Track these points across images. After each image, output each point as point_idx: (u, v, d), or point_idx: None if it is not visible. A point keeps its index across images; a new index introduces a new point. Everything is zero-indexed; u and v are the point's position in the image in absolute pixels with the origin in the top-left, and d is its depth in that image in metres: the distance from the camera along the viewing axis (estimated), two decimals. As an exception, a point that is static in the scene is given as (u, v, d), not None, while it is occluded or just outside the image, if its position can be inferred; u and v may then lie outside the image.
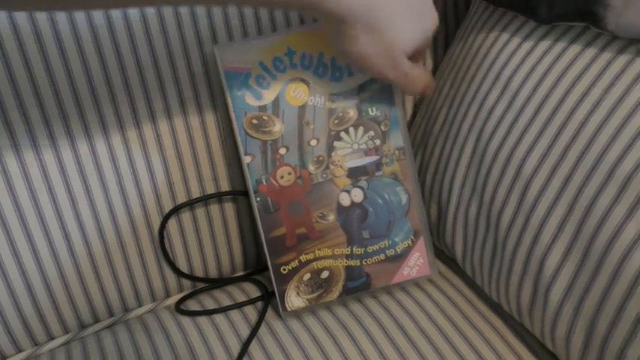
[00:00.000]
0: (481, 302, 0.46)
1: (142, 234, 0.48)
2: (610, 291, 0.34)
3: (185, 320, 0.47)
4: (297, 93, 0.44)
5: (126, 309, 0.50)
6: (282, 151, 0.45)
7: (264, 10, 0.46)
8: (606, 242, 0.34)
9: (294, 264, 0.45)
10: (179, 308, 0.49)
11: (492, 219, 0.42)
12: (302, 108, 0.44)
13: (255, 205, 0.45)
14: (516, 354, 0.42)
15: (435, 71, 0.55)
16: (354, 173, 0.45)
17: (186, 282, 0.52)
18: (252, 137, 0.44)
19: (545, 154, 0.38)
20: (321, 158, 0.45)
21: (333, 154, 0.45)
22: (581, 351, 0.36)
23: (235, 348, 0.44)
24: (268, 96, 0.44)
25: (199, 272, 0.51)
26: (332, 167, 0.45)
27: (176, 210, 0.48)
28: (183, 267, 0.50)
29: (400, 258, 0.46)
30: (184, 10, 0.44)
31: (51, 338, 0.48)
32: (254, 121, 0.44)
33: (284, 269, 0.45)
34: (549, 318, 0.38)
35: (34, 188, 0.43)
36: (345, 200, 0.45)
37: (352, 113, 0.45)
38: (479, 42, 0.46)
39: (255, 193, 0.45)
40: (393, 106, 0.45)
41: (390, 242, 0.46)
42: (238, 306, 0.48)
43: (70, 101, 0.43)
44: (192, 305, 0.49)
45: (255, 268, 0.54)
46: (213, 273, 0.52)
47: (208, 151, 0.48)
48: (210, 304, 0.49)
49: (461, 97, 0.46)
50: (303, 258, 0.45)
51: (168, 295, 0.52)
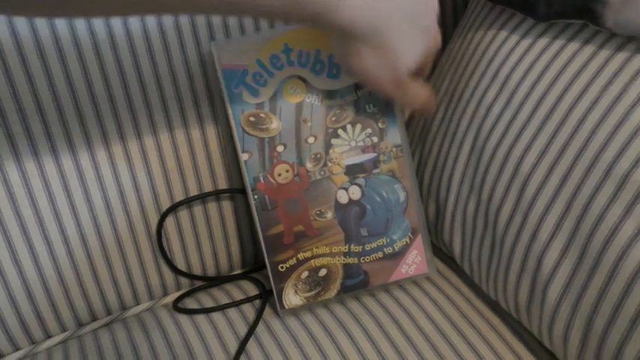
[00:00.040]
0: (479, 300, 0.46)
1: (140, 232, 0.48)
2: (607, 289, 0.34)
3: (183, 318, 0.47)
4: (294, 90, 0.44)
5: (123, 307, 0.50)
6: (279, 149, 0.44)
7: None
8: (604, 240, 0.34)
9: (291, 262, 0.45)
10: (177, 306, 0.49)
11: (490, 216, 0.42)
12: (299, 105, 0.44)
13: (252, 203, 0.45)
14: (514, 352, 0.42)
15: (434, 69, 0.54)
16: (352, 171, 0.45)
17: (184, 280, 0.51)
18: (249, 135, 0.44)
19: (543, 152, 0.38)
20: (319, 156, 0.45)
21: (331, 152, 0.45)
22: (578, 349, 0.36)
23: (233, 346, 0.44)
24: (265, 93, 0.44)
25: (197, 270, 0.51)
26: (330, 165, 0.45)
27: (174, 208, 0.48)
28: (180, 265, 0.50)
29: (398, 256, 0.46)
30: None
31: (48, 336, 0.48)
32: (251, 119, 0.44)
33: (282, 267, 0.45)
34: (547, 316, 0.38)
35: (32, 187, 0.43)
36: (343, 198, 0.45)
37: (350, 110, 0.45)
38: (477, 39, 0.46)
39: (252, 191, 0.44)
40: (391, 104, 0.45)
41: (388, 240, 0.46)
42: (236, 304, 0.48)
43: (68, 100, 0.43)
44: (190, 303, 0.49)
45: (253, 266, 0.54)
46: (211, 271, 0.52)
47: (206, 149, 0.48)
48: (208, 303, 0.49)
49: (459, 95, 0.45)
50: (300, 256, 0.45)
51: (166, 294, 0.51)
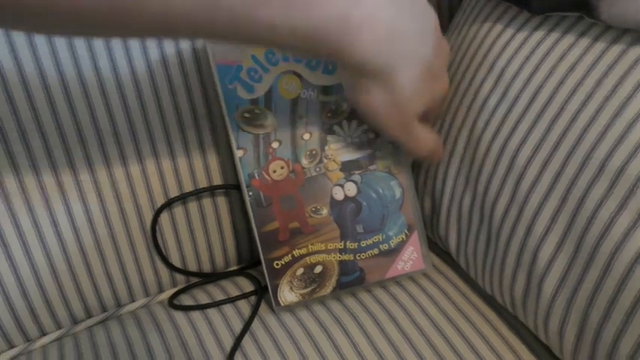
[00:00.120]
0: (475, 295, 0.46)
1: (134, 228, 0.47)
2: (602, 283, 0.34)
3: (178, 315, 0.47)
4: (289, 86, 0.44)
5: (119, 304, 0.50)
6: (274, 145, 0.44)
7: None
8: (598, 234, 0.34)
9: (287, 259, 0.45)
10: (172, 303, 0.48)
11: (486, 210, 0.41)
12: (294, 101, 0.44)
13: (247, 200, 0.44)
14: (510, 346, 0.42)
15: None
16: (348, 167, 0.45)
17: (179, 277, 0.51)
18: (244, 131, 0.44)
19: (538, 146, 0.38)
20: (315, 152, 0.45)
21: (327, 148, 0.45)
22: (574, 343, 0.36)
23: (228, 342, 0.44)
24: (260, 89, 0.43)
25: (192, 267, 0.51)
26: (325, 161, 0.45)
27: (168, 204, 0.48)
28: (176, 262, 0.50)
29: (394, 252, 0.46)
30: None
31: (43, 334, 0.48)
32: (246, 115, 0.44)
33: (277, 264, 0.45)
34: (542, 310, 0.38)
35: (24, 182, 0.43)
36: (339, 194, 0.45)
37: (345, 106, 0.44)
38: (472, 33, 0.45)
39: (247, 188, 0.44)
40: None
41: (384, 236, 0.46)
42: (231, 300, 0.48)
43: (61, 99, 0.42)
44: (185, 300, 0.49)
45: (248, 263, 0.54)
46: (206, 267, 0.52)
47: (200, 145, 0.48)
48: (203, 299, 0.49)
49: (454, 89, 0.45)
50: (296, 252, 0.45)
51: (161, 290, 0.51)
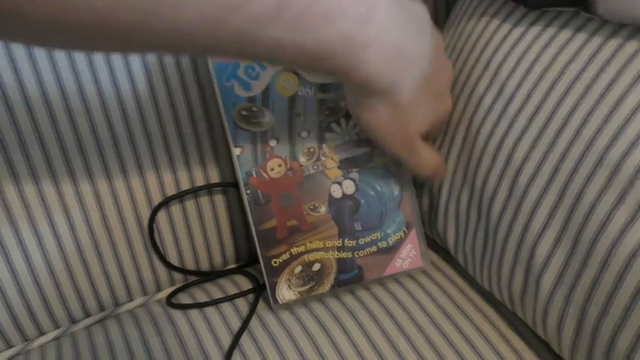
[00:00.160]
0: (473, 291, 0.46)
1: (131, 227, 0.47)
2: (600, 278, 0.34)
3: (176, 314, 0.47)
4: (287, 84, 0.43)
5: (117, 303, 0.50)
6: (272, 143, 0.44)
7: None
8: (596, 229, 0.34)
9: (285, 256, 0.45)
10: (170, 302, 0.48)
11: (483, 207, 0.41)
12: (292, 99, 0.44)
13: (245, 198, 0.44)
14: (508, 342, 0.42)
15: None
16: (346, 164, 0.45)
17: (177, 275, 0.51)
18: (241, 129, 0.44)
19: (535, 141, 0.38)
20: (312, 150, 0.45)
21: (324, 146, 0.45)
22: (572, 338, 0.36)
23: (226, 340, 0.44)
24: (257, 87, 0.43)
25: (190, 265, 0.51)
26: (323, 159, 0.45)
27: (165, 202, 0.48)
28: (173, 260, 0.50)
29: (392, 250, 0.46)
30: None
31: (41, 334, 0.48)
32: (243, 113, 0.44)
33: (275, 262, 0.45)
34: (541, 306, 0.38)
35: (20, 179, 0.43)
36: (337, 192, 0.45)
37: (343, 104, 0.44)
38: (469, 29, 0.45)
39: (245, 186, 0.44)
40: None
41: (382, 234, 0.46)
42: (230, 298, 0.48)
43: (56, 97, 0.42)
44: (183, 298, 0.49)
45: (247, 261, 0.54)
46: (204, 266, 0.52)
47: (197, 143, 0.48)
48: (201, 297, 0.49)
49: (452, 86, 0.45)
50: (294, 250, 0.45)
51: (159, 289, 0.51)
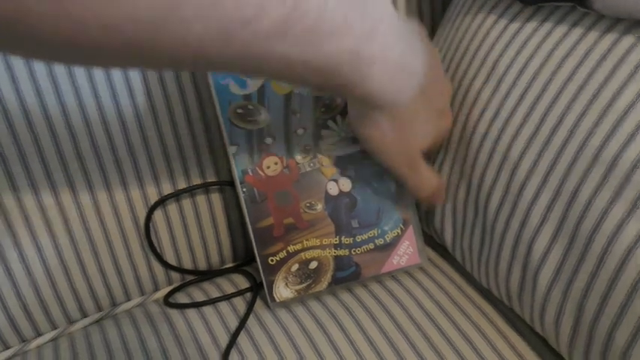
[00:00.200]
0: (471, 288, 0.46)
1: (128, 227, 0.47)
2: (597, 274, 0.34)
3: (173, 313, 0.47)
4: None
5: (114, 303, 0.49)
6: (268, 141, 0.44)
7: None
8: (593, 225, 0.34)
9: (282, 254, 0.45)
10: (167, 301, 0.48)
11: (480, 203, 0.41)
12: (288, 96, 0.44)
13: (241, 196, 0.44)
14: (506, 339, 0.42)
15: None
16: (342, 162, 0.45)
17: (175, 275, 0.51)
18: (237, 127, 0.44)
19: (532, 137, 0.38)
20: (308, 147, 0.44)
21: (321, 143, 0.45)
22: (570, 334, 0.36)
23: (224, 339, 0.44)
24: (253, 85, 0.43)
25: (188, 265, 0.51)
26: (319, 156, 0.45)
27: (162, 201, 0.47)
28: (171, 259, 0.50)
29: (389, 247, 0.46)
30: None
31: (38, 334, 0.47)
32: (239, 111, 0.43)
33: (272, 260, 0.45)
34: (538, 302, 0.38)
35: (15, 179, 0.43)
36: (333, 189, 0.45)
37: (339, 101, 0.44)
38: (466, 24, 0.45)
39: (241, 184, 0.44)
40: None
41: (379, 231, 0.46)
42: (227, 298, 0.48)
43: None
44: (181, 298, 0.49)
45: (244, 260, 0.53)
46: (202, 265, 0.52)
47: (193, 141, 0.47)
48: (199, 297, 0.48)
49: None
50: (291, 248, 0.45)
51: (156, 289, 0.51)
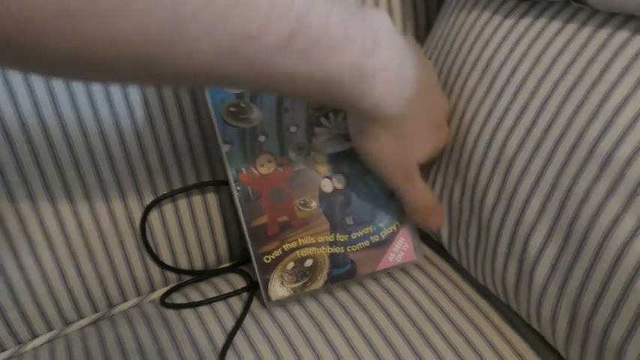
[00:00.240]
0: (467, 285, 0.46)
1: (123, 227, 0.47)
2: (593, 269, 0.33)
3: (170, 314, 0.47)
4: (275, 79, 0.43)
5: (110, 304, 0.49)
6: (261, 139, 0.44)
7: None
8: (588, 220, 0.33)
9: (277, 253, 0.45)
10: (164, 302, 0.48)
11: (476, 200, 0.41)
12: (280, 94, 0.43)
13: (235, 195, 0.44)
14: (502, 335, 0.41)
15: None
16: (336, 159, 0.45)
17: (172, 275, 0.51)
18: (230, 125, 0.43)
19: (527, 134, 0.37)
20: (302, 145, 0.44)
21: (314, 140, 0.44)
22: (566, 330, 0.36)
23: (220, 339, 0.44)
24: (245, 83, 0.43)
25: (184, 265, 0.51)
26: (313, 154, 0.44)
27: (157, 202, 0.47)
28: (167, 260, 0.50)
29: (385, 244, 0.46)
30: None
31: (34, 336, 0.47)
32: (232, 109, 0.43)
33: (267, 259, 0.45)
34: (534, 298, 0.38)
35: (8, 178, 0.43)
36: (327, 187, 0.45)
37: (332, 98, 0.44)
38: (460, 21, 0.45)
39: (235, 182, 0.44)
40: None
41: (375, 228, 0.45)
42: (223, 297, 0.48)
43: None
44: (177, 298, 0.49)
45: (240, 259, 0.53)
46: (198, 265, 0.52)
47: (188, 141, 0.47)
48: (195, 297, 0.48)
49: (444, 79, 0.45)
50: (286, 247, 0.45)
51: (153, 289, 0.51)
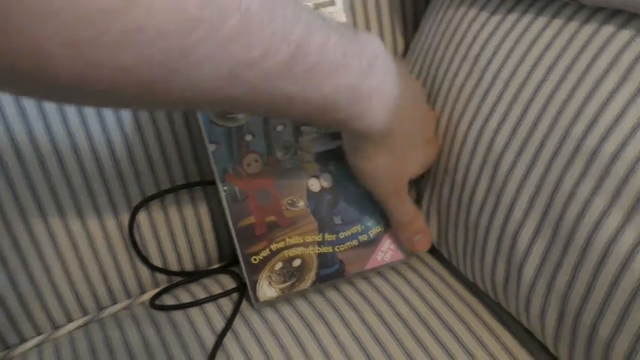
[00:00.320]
0: (457, 283, 0.46)
1: (111, 229, 0.47)
2: (580, 266, 0.33)
3: (159, 316, 0.47)
4: (262, 79, 0.43)
5: (100, 307, 0.49)
6: (247, 138, 0.44)
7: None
8: (575, 216, 0.33)
9: (264, 253, 0.44)
10: (153, 304, 0.48)
11: (464, 198, 0.41)
12: (267, 93, 0.43)
13: (222, 195, 0.44)
14: (492, 332, 0.41)
15: (406, 51, 0.54)
16: (323, 158, 0.44)
17: (161, 277, 0.51)
18: (216, 125, 0.43)
19: (514, 130, 0.37)
20: (288, 144, 0.44)
21: (301, 139, 0.44)
22: (555, 327, 0.36)
23: (210, 341, 0.43)
24: (231, 82, 0.43)
25: (174, 266, 0.50)
26: (300, 153, 0.44)
27: (145, 203, 0.47)
28: (156, 261, 0.49)
29: (373, 243, 0.45)
30: None
31: (22, 340, 0.47)
32: (218, 109, 0.43)
33: (255, 259, 0.44)
34: (523, 295, 0.38)
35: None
36: (315, 186, 0.44)
37: (319, 97, 0.44)
38: (448, 18, 0.45)
39: (222, 183, 0.44)
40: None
41: (363, 227, 0.45)
42: (213, 299, 0.47)
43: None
44: (167, 300, 0.48)
45: (231, 260, 0.53)
46: (188, 266, 0.51)
47: (176, 141, 0.47)
48: (185, 298, 0.48)
49: (432, 78, 0.45)
50: (273, 247, 0.44)
51: (143, 291, 0.51)
